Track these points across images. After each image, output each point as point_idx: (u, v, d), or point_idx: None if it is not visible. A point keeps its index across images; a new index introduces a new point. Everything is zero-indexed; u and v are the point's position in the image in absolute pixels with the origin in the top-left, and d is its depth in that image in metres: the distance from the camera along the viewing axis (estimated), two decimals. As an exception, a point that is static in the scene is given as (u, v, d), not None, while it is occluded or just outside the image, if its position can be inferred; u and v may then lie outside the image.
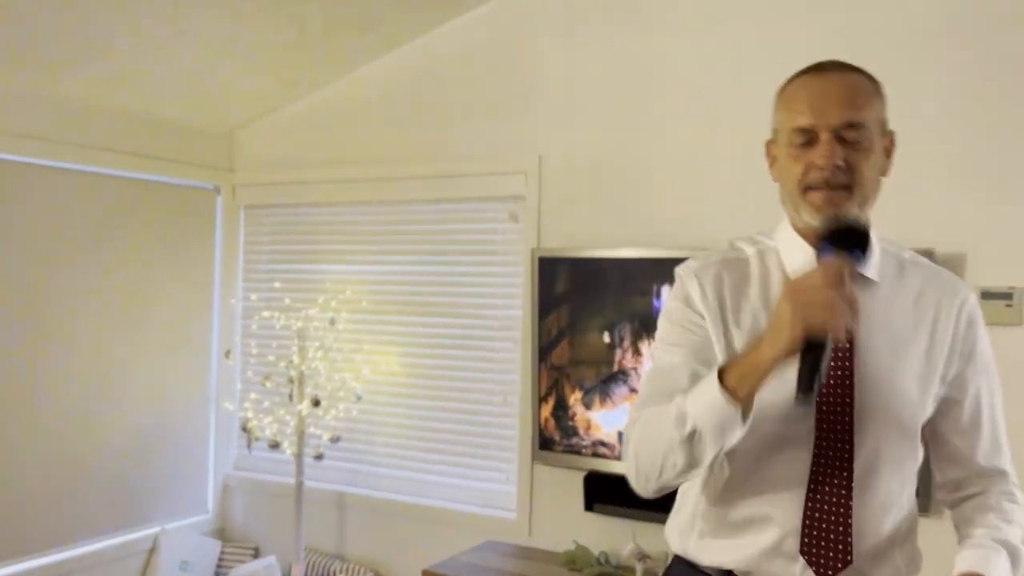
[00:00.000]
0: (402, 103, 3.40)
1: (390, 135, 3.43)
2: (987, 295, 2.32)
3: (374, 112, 3.47)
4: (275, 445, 3.30)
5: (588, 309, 2.86)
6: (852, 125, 1.22)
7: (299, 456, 3.30)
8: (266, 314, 3.45)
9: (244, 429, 3.36)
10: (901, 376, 1.28)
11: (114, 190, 3.37)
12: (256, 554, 3.69)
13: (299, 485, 3.31)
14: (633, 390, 2.76)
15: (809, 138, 1.23)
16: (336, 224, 3.61)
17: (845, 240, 1.17)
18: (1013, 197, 2.34)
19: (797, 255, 1.29)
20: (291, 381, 3.31)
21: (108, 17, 2.69)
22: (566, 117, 3.05)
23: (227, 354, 3.68)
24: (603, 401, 2.83)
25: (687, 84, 2.83)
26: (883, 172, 1.29)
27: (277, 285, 3.61)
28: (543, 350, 2.95)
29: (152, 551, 3.47)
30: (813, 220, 1.24)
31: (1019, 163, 2.33)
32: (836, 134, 1.21)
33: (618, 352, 2.80)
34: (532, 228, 3.10)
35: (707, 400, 1.15)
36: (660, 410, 1.22)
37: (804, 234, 1.29)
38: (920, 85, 2.43)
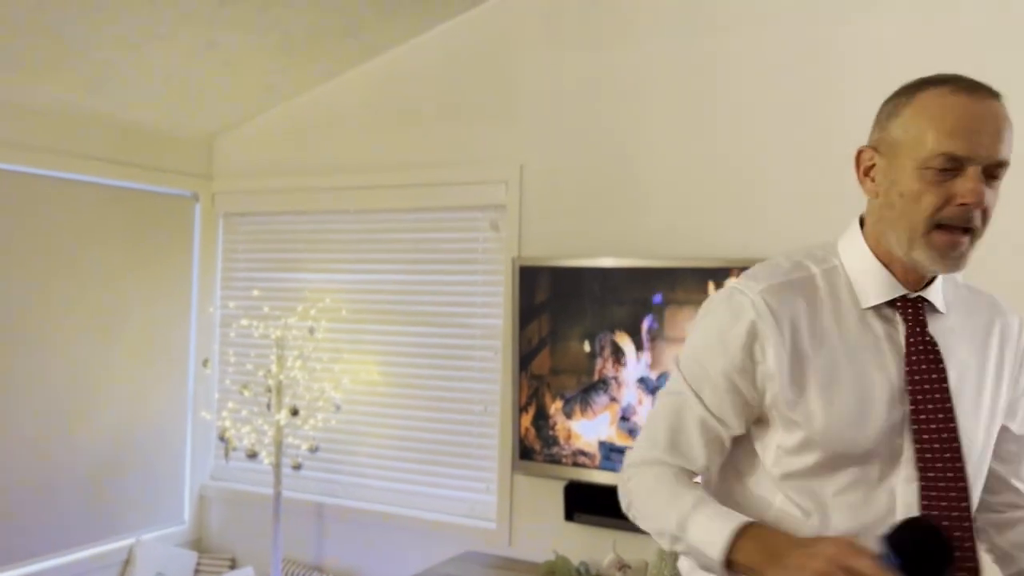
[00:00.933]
0: (383, 111, 3.39)
1: (371, 143, 3.42)
2: None
3: (355, 119, 3.46)
4: (253, 455, 3.27)
5: (569, 318, 2.86)
6: (1001, 164, 1.11)
7: (277, 466, 3.27)
8: (244, 323, 3.43)
9: (221, 439, 3.33)
10: (983, 418, 1.22)
11: (91, 197, 3.34)
12: (233, 565, 3.65)
13: (277, 495, 3.28)
14: (613, 399, 2.77)
15: (954, 167, 1.09)
16: (316, 232, 3.59)
17: (916, 558, 0.97)
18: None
19: (870, 282, 1.19)
20: (269, 390, 3.28)
21: (85, 23, 2.67)
22: (547, 126, 3.06)
23: (205, 363, 3.65)
24: (584, 411, 2.83)
25: (668, 94, 2.85)
26: None
27: (256, 293, 3.58)
28: (523, 359, 2.94)
29: (127, 562, 3.43)
30: (928, 262, 1.13)
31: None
32: (985, 171, 1.10)
33: (599, 361, 2.80)
34: (513, 237, 3.10)
35: (706, 543, 1.09)
36: (661, 490, 1.19)
37: (887, 261, 1.19)
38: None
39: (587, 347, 2.82)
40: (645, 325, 2.70)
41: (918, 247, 1.12)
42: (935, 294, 1.21)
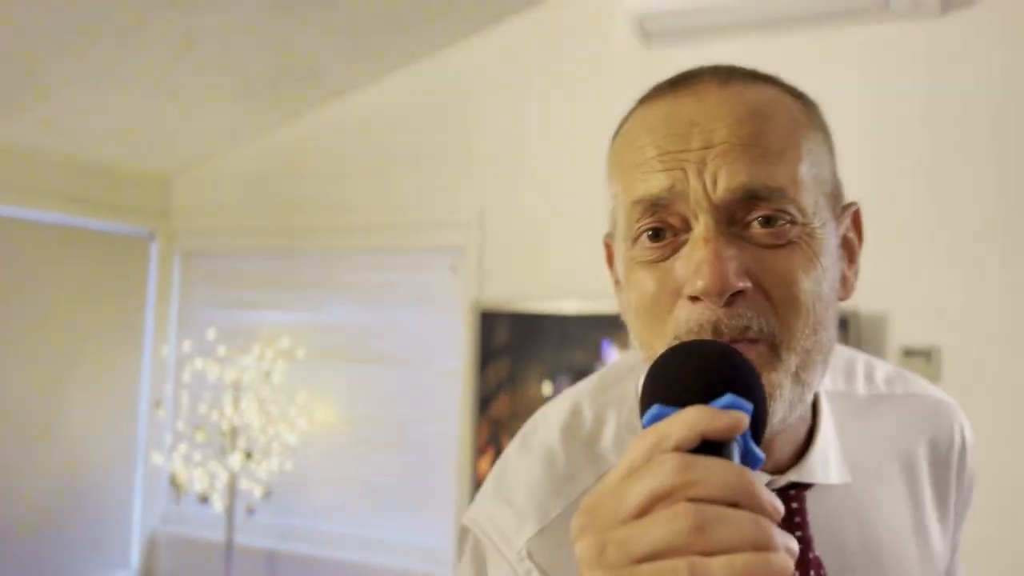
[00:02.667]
0: (344, 153, 3.42)
1: (331, 184, 3.44)
2: (908, 353, 2.41)
3: (316, 161, 3.48)
4: (204, 499, 3.21)
5: (528, 362, 2.88)
6: (761, 195, 0.63)
7: (230, 511, 3.21)
8: (199, 364, 3.38)
9: (173, 483, 3.27)
10: None
11: (45, 235, 3.29)
12: (181, 613, 3.56)
13: (229, 541, 3.22)
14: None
15: (663, 222, 0.65)
16: (275, 272, 3.58)
17: (715, 379, 0.54)
18: (933, 257, 2.45)
19: None
20: (223, 434, 3.24)
21: (46, 61, 2.66)
22: (508, 172, 3.11)
23: (157, 404, 3.59)
24: (541, 454, 2.83)
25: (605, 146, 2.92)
26: (845, 286, 0.73)
27: (211, 334, 3.55)
28: (483, 402, 2.95)
29: (70, 611, 3.32)
30: None
31: (939, 223, 2.46)
32: (725, 214, 0.63)
33: (556, 405, 2.81)
34: (472, 280, 3.12)
35: None
36: None
37: None
38: (838, 143, 2.56)
39: (547, 390, 2.84)
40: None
41: None
42: (819, 464, 0.74)
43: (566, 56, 3.04)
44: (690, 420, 0.49)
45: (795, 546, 0.47)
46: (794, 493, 0.73)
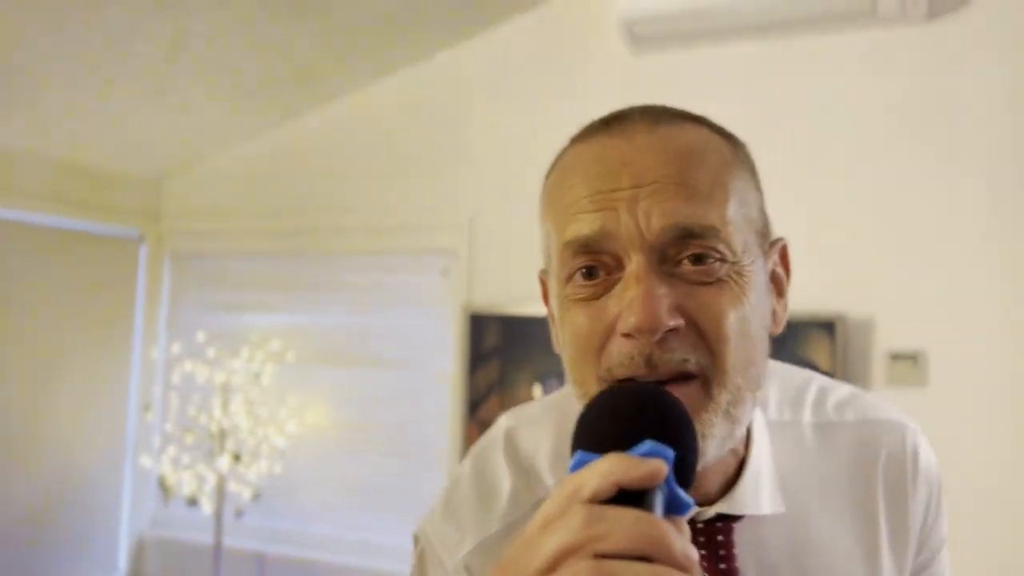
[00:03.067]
0: (335, 156, 3.42)
1: (322, 187, 3.44)
2: (895, 357, 2.43)
3: (307, 164, 3.48)
4: (193, 502, 3.20)
5: (518, 364, 2.89)
6: (693, 233, 0.64)
7: (218, 513, 3.20)
8: (188, 366, 3.37)
9: (161, 485, 3.26)
10: None
11: (35, 236, 3.28)
12: (169, 617, 3.54)
13: (218, 544, 3.21)
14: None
15: (597, 261, 0.66)
16: (265, 274, 3.58)
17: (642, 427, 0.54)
18: (920, 262, 2.48)
19: None
20: (212, 436, 3.23)
21: (35, 63, 2.66)
22: (499, 175, 3.12)
23: (146, 407, 3.58)
24: (531, 457, 2.84)
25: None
26: (774, 322, 0.72)
27: (201, 337, 3.54)
28: (472, 404, 2.96)
29: (57, 615, 3.30)
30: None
31: (925, 226, 2.48)
32: (657, 253, 0.64)
33: (546, 408, 2.82)
34: (463, 283, 3.13)
35: None
36: None
37: None
38: (826, 150, 2.58)
39: (536, 393, 2.85)
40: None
41: None
42: (749, 495, 0.73)
43: (557, 61, 3.05)
44: (604, 470, 0.49)
45: None
46: (722, 525, 0.73)
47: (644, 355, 0.62)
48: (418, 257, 3.29)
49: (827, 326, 2.43)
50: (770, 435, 0.79)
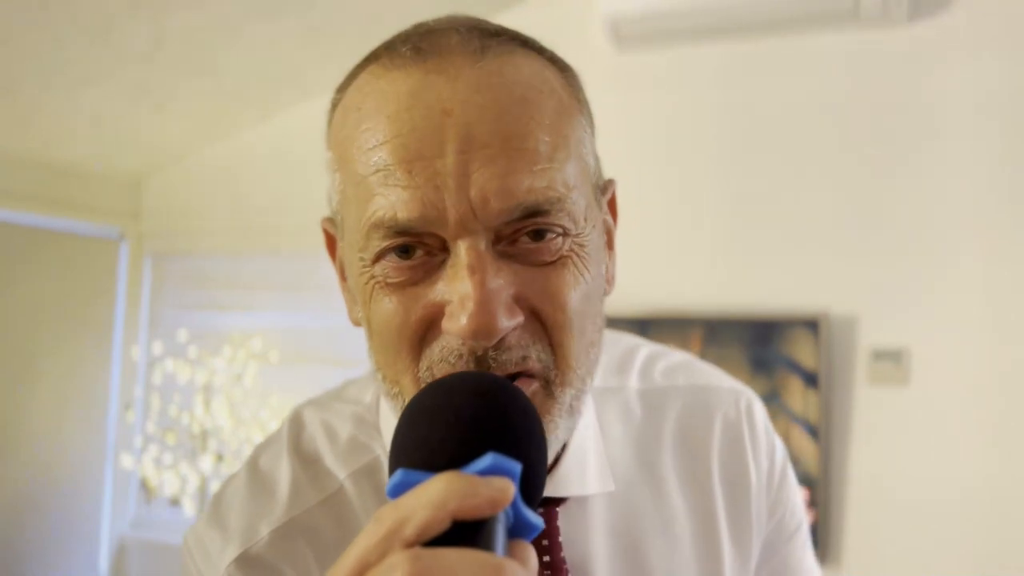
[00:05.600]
0: (318, 155, 3.38)
1: (305, 186, 3.41)
2: (878, 355, 2.45)
3: (289, 162, 3.45)
4: (175, 503, 3.17)
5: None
6: (537, 211, 0.54)
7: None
8: (169, 366, 3.35)
9: (143, 486, 3.23)
10: None
11: (11, 235, 3.24)
12: (151, 619, 3.52)
13: (200, 544, 3.18)
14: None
15: (414, 243, 0.55)
16: (247, 273, 3.55)
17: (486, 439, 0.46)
18: (903, 257, 2.49)
19: None
20: (194, 436, 3.20)
21: (14, 60, 2.62)
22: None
23: (127, 407, 3.55)
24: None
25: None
26: (608, 280, 0.64)
27: (182, 336, 3.51)
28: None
29: (36, 618, 3.27)
30: None
31: (907, 224, 2.49)
32: (492, 235, 0.54)
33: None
34: (447, 282, 3.11)
35: None
36: None
37: None
38: (809, 148, 2.59)
39: (519, 392, 2.84)
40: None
41: None
42: (574, 474, 0.65)
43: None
44: (437, 497, 0.40)
45: None
46: (543, 511, 0.64)
47: (475, 356, 0.52)
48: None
49: (811, 324, 2.43)
50: (595, 403, 0.70)
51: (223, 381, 3.28)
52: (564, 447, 0.65)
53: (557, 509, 0.65)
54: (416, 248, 0.54)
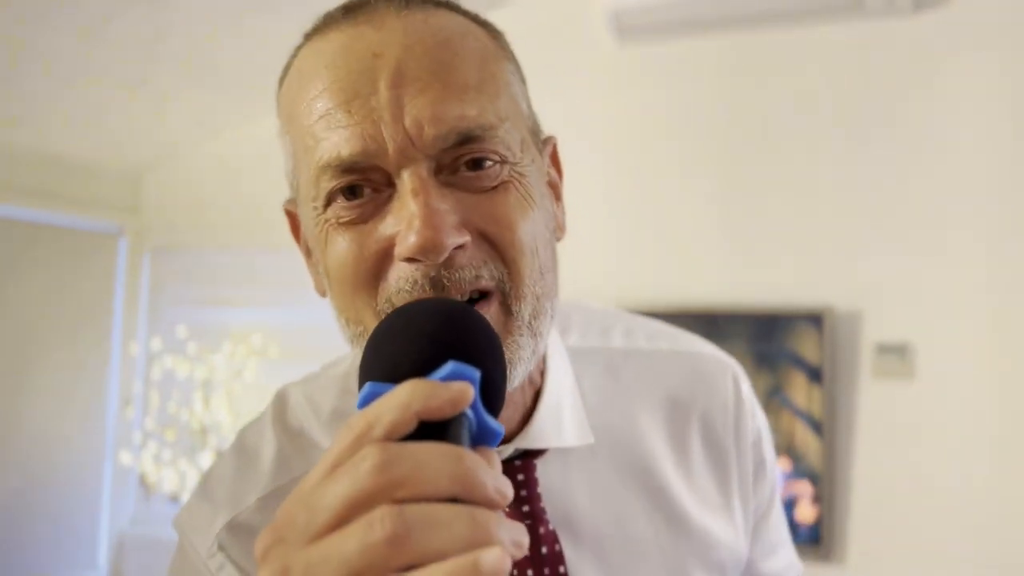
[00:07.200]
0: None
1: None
2: (882, 349, 2.43)
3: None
4: (175, 499, 3.16)
5: (502, 359, 2.86)
6: (471, 137, 0.57)
7: (201, 510, 3.16)
8: (169, 362, 3.33)
9: (142, 482, 3.22)
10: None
11: (10, 230, 3.22)
12: (151, 615, 3.51)
13: (200, 541, 3.17)
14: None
15: (361, 181, 0.57)
16: (247, 269, 3.54)
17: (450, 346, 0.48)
18: (907, 251, 2.47)
19: None
20: (193, 432, 3.19)
21: (13, 55, 2.60)
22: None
23: (126, 403, 3.53)
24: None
25: (592, 144, 2.91)
26: (559, 226, 0.68)
27: (182, 332, 3.49)
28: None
29: (36, 614, 3.26)
30: None
31: (911, 218, 2.48)
32: (433, 162, 0.57)
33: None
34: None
35: None
36: None
37: None
38: (813, 141, 2.57)
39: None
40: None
41: None
42: (551, 426, 0.67)
43: (541, 52, 3.01)
44: (402, 400, 0.42)
45: (524, 539, 0.41)
46: (521, 463, 0.66)
47: (429, 278, 0.55)
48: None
49: (815, 318, 2.42)
50: (573, 361, 0.72)
51: (223, 377, 3.26)
52: (537, 398, 0.67)
53: (535, 461, 0.67)
54: (363, 187, 0.57)
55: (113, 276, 3.65)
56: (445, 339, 0.48)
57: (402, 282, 0.56)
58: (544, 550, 0.66)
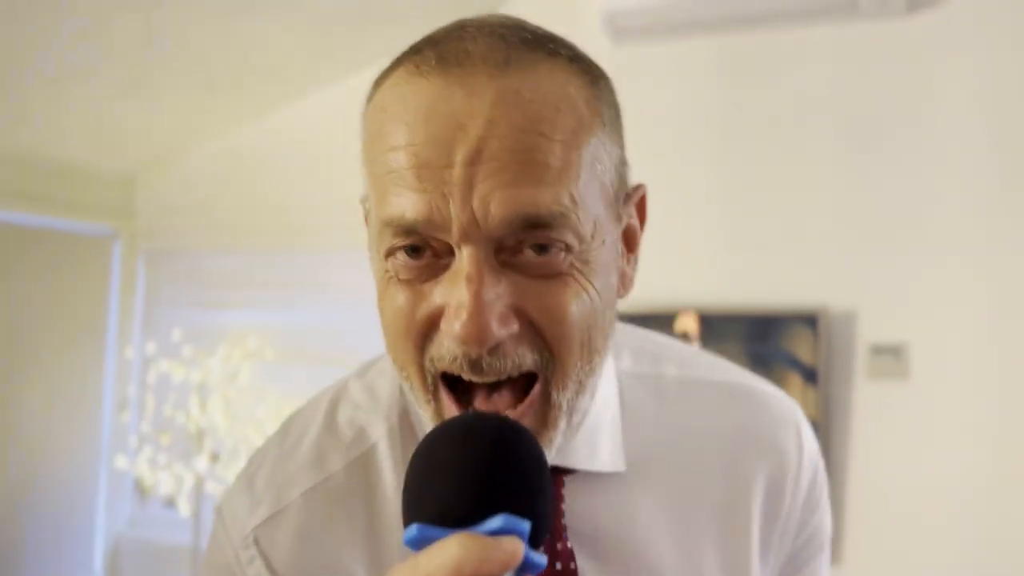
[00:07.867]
0: (312, 151, 3.37)
1: (299, 182, 3.39)
2: (877, 350, 2.43)
3: (283, 159, 3.43)
4: (171, 502, 3.16)
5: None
6: (539, 223, 0.55)
7: (197, 514, 3.16)
8: (164, 365, 3.32)
9: (138, 486, 3.21)
10: None
11: (3, 234, 3.22)
12: (147, 619, 3.50)
13: (196, 545, 3.16)
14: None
15: (422, 243, 0.57)
16: (242, 271, 3.53)
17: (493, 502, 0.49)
18: (903, 252, 2.47)
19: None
20: (189, 436, 3.18)
21: (4, 57, 2.60)
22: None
23: (121, 407, 3.52)
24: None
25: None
26: (624, 284, 0.65)
27: (177, 335, 3.49)
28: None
29: (31, 619, 3.25)
30: None
31: (906, 218, 2.48)
32: (494, 244, 0.56)
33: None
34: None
35: None
36: None
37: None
38: (807, 141, 2.57)
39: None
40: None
41: (427, 412, 0.61)
42: (584, 448, 0.67)
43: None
44: (453, 562, 0.44)
45: None
46: (556, 481, 0.67)
47: (470, 359, 0.56)
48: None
49: (810, 319, 2.42)
50: (621, 386, 0.71)
51: (218, 380, 3.25)
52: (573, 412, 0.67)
53: (564, 478, 0.67)
54: (424, 249, 0.57)
55: (107, 279, 3.64)
56: (494, 485, 0.48)
57: (444, 351, 0.57)
58: (559, 566, 0.66)
